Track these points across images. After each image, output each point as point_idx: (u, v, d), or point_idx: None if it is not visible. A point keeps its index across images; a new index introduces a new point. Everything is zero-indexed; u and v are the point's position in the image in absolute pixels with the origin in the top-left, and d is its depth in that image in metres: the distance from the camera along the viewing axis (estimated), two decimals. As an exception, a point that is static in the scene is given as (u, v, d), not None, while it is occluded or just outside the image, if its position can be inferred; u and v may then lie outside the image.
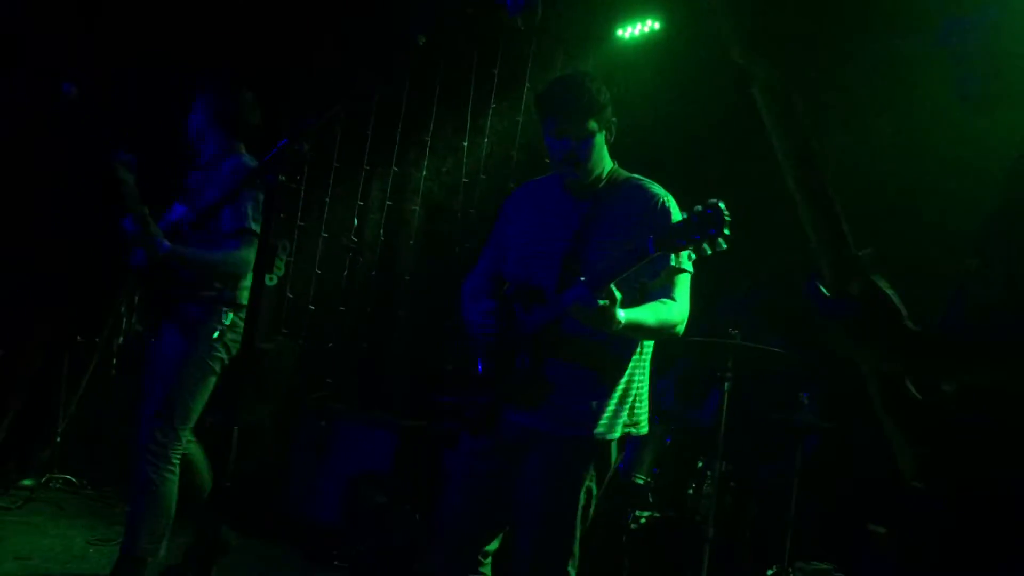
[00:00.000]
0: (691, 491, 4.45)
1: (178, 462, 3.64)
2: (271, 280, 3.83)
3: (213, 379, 3.73)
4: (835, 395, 4.56)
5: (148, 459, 3.56)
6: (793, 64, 1.37)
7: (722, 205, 2.27)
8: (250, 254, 3.64)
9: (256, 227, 3.65)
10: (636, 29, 5.67)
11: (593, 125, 2.76)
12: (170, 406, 3.60)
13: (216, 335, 3.66)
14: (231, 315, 3.71)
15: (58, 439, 5.29)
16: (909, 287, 1.44)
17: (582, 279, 2.49)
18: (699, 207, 2.31)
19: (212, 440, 4.96)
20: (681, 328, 2.76)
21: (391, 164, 6.23)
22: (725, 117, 4.82)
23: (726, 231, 2.26)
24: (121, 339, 5.49)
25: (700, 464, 4.50)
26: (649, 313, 2.65)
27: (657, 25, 5.58)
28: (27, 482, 5.07)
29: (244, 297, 3.76)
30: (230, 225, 3.63)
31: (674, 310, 2.73)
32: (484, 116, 6.08)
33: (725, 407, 4.13)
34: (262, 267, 2.29)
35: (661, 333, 2.71)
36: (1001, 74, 1.38)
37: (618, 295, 2.47)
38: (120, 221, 3.64)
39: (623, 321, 2.51)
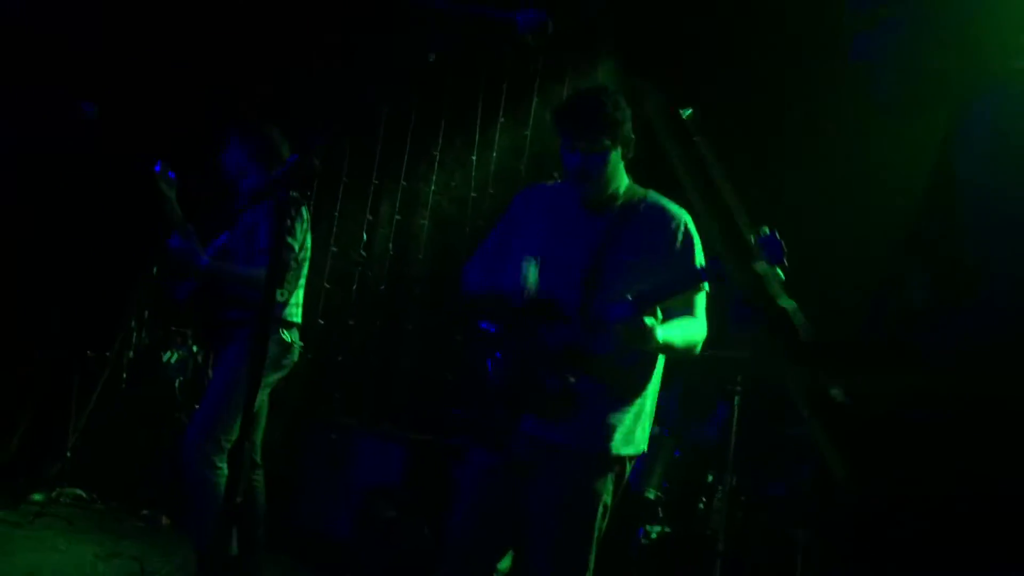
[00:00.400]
0: (701, 505, 4.44)
1: (222, 464, 3.75)
2: (282, 296, 3.87)
3: (264, 395, 3.91)
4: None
5: (195, 467, 3.70)
6: (691, 85, 1.37)
7: (777, 234, 2.26)
8: (292, 272, 3.84)
9: (292, 242, 3.82)
10: (644, 44, 5.68)
11: (607, 141, 2.75)
12: (215, 419, 3.72)
13: (277, 357, 3.83)
14: (283, 332, 3.88)
15: (68, 454, 5.31)
16: (829, 294, 1.45)
17: (629, 297, 2.49)
18: (752, 236, 2.30)
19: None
20: (700, 347, 2.78)
21: (400, 179, 6.25)
22: (737, 129, 4.82)
23: (784, 260, 2.25)
24: (131, 353, 5.51)
25: (710, 478, 4.49)
26: (679, 332, 2.67)
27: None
28: (37, 497, 5.09)
29: (293, 315, 3.95)
30: (265, 242, 3.75)
31: (699, 329, 2.76)
32: (493, 130, 6.09)
33: (735, 421, 4.12)
34: (273, 283, 2.30)
35: (687, 352, 2.74)
36: (912, 81, 1.39)
37: (659, 316, 2.50)
38: (166, 239, 3.78)
39: (660, 341, 2.53)
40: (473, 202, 6.05)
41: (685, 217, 2.80)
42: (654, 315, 2.49)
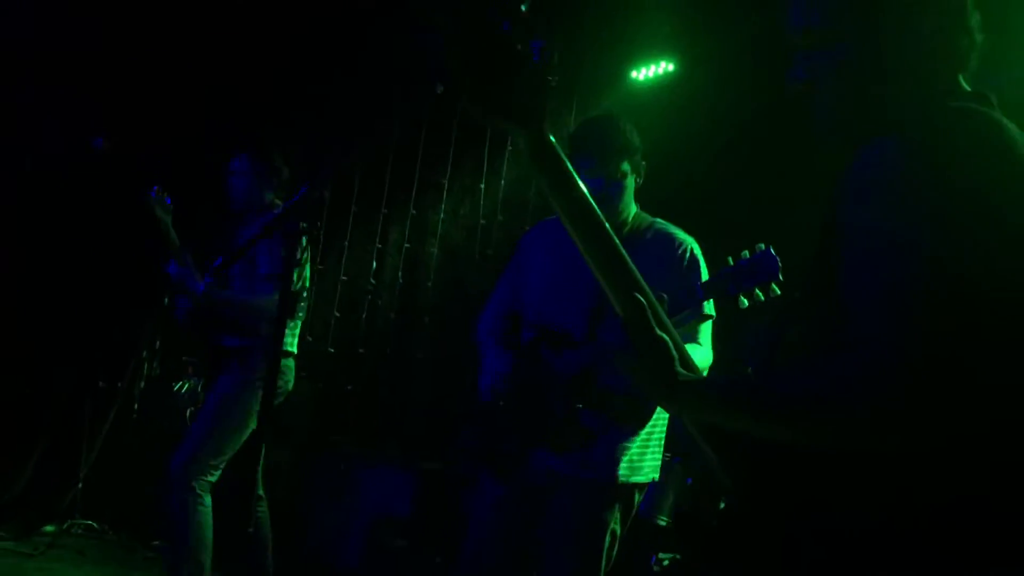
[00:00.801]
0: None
1: (205, 495, 3.68)
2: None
3: (254, 422, 3.77)
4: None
5: (177, 496, 3.63)
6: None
7: (772, 250, 2.27)
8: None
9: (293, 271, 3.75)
10: (651, 71, 5.72)
11: (626, 167, 2.77)
12: (203, 441, 3.68)
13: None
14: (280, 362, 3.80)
15: (80, 484, 5.31)
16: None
17: None
18: (747, 252, 2.31)
19: (233, 484, 4.98)
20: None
21: (409, 207, 6.28)
22: (741, 157, 4.85)
23: (780, 276, 2.26)
24: (143, 384, 5.53)
25: (722, 505, 4.46)
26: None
27: (671, 67, 5.63)
28: (49, 528, 5.09)
29: (289, 344, 3.91)
30: (266, 268, 3.74)
31: (704, 357, 2.75)
32: (500, 158, 6.13)
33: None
34: (283, 313, 2.32)
35: None
36: (847, 103, 1.40)
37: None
38: (163, 265, 3.76)
39: None
40: (482, 229, 6.08)
41: (691, 243, 2.81)
42: None
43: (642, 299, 1.43)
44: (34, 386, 5.47)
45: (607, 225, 1.41)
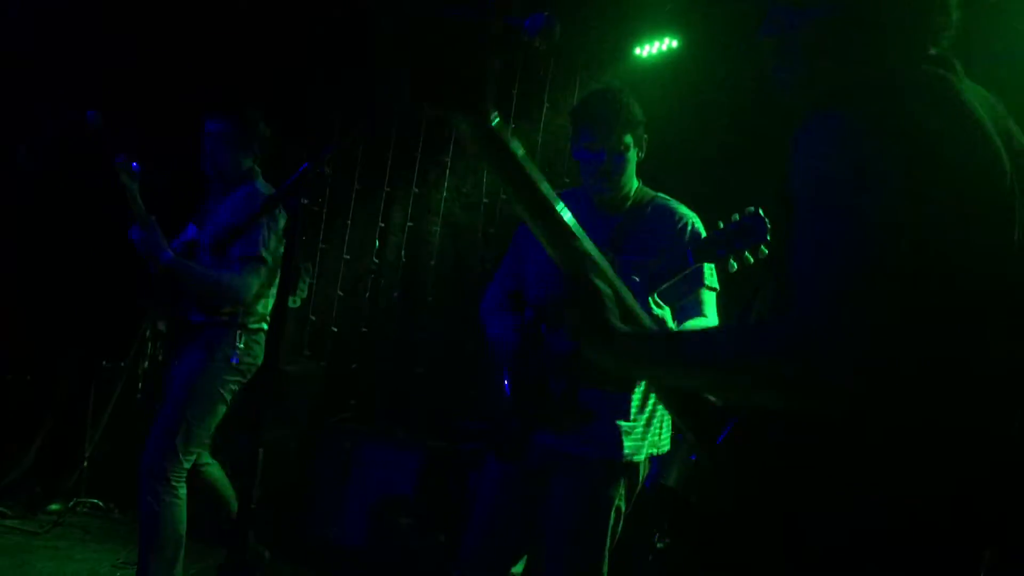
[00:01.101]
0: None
1: (179, 485, 3.61)
2: (294, 302, 3.84)
3: (223, 405, 3.72)
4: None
5: (149, 484, 3.55)
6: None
7: (761, 212, 2.26)
8: (252, 280, 3.65)
9: (267, 255, 3.67)
10: (654, 47, 5.68)
11: (629, 139, 2.76)
12: (175, 428, 3.59)
13: (233, 360, 3.68)
14: (244, 339, 3.72)
15: (85, 464, 5.32)
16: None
17: (635, 279, 2.47)
18: (736, 215, 2.30)
19: (237, 462, 4.98)
20: None
21: (411, 185, 6.26)
22: (743, 134, 4.81)
23: (768, 237, 2.25)
24: (147, 364, 5.52)
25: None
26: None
27: (675, 43, 5.58)
28: (54, 507, 5.11)
29: (256, 322, 3.78)
30: (240, 251, 3.65)
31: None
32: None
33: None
34: (286, 289, 2.30)
35: None
36: (810, 63, 1.39)
37: (665, 309, 2.47)
38: (128, 230, 3.66)
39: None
40: (485, 208, 6.05)
41: (692, 217, 2.80)
42: (660, 306, 2.47)
43: (580, 248, 1.43)
44: (39, 366, 5.48)
45: (544, 189, 1.39)
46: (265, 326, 3.82)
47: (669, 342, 1.39)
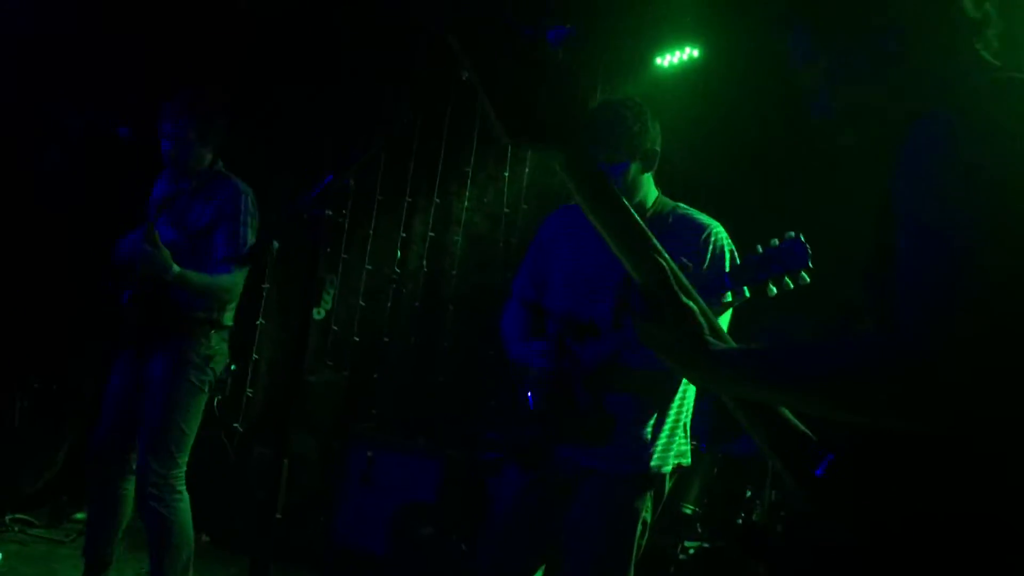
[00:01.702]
0: (740, 521, 4.40)
1: (183, 488, 3.64)
2: (319, 314, 3.85)
3: (204, 400, 3.72)
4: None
5: (153, 494, 3.56)
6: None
7: (802, 237, 2.25)
8: (241, 279, 3.70)
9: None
10: (675, 57, 5.69)
11: (625, 153, 2.74)
12: (169, 435, 3.59)
13: (209, 361, 3.69)
14: (216, 337, 3.73)
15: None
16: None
17: None
18: (775, 240, 2.29)
19: (261, 472, 5.01)
20: None
21: (433, 195, 6.29)
22: (765, 144, 4.81)
23: (809, 263, 2.24)
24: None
25: (748, 493, 4.45)
26: None
27: (696, 53, 5.59)
28: (80, 515, 5.14)
29: (229, 319, 3.79)
30: (224, 251, 3.65)
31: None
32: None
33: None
34: (309, 300, 2.33)
35: None
36: (863, 88, 1.37)
37: None
38: (133, 247, 3.60)
39: None
40: (506, 218, 6.07)
41: (716, 227, 2.78)
42: None
43: (664, 263, 1.40)
44: (66, 375, 5.53)
45: (628, 206, 1.38)
46: (231, 323, 3.82)
47: (764, 359, 1.35)
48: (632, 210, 1.38)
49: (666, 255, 1.39)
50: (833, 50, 1.38)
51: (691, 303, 1.39)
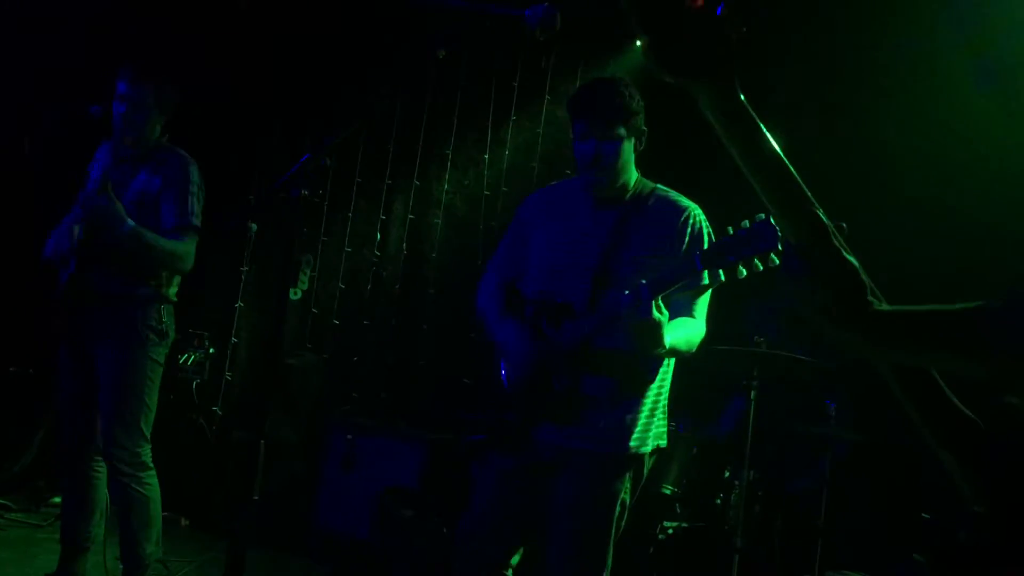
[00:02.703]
0: (719, 501, 4.43)
1: (151, 463, 3.63)
2: (295, 294, 3.83)
3: (160, 371, 3.70)
4: (862, 404, 4.52)
5: (125, 473, 3.55)
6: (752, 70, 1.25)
7: (772, 220, 2.25)
8: (193, 249, 3.65)
9: (198, 222, 3.66)
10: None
11: (621, 130, 2.73)
12: (137, 413, 3.58)
13: (163, 336, 3.66)
14: (166, 310, 3.70)
15: (88, 456, 5.33)
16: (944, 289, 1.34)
17: (643, 282, 2.46)
18: (747, 222, 2.28)
19: (240, 455, 4.99)
20: (696, 348, 2.76)
21: (413, 178, 6.26)
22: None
23: (779, 245, 2.24)
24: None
25: (727, 474, 4.47)
26: (682, 333, 2.64)
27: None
28: (57, 499, 5.11)
29: (174, 294, 3.75)
30: (173, 221, 3.61)
31: (699, 331, 2.73)
32: (505, 128, 6.09)
33: (752, 416, 4.11)
34: (286, 281, 2.31)
35: (685, 354, 2.72)
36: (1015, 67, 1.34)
37: (665, 314, 2.46)
38: (79, 199, 3.57)
39: (668, 344, 2.50)
40: (486, 200, 6.05)
41: (695, 209, 2.78)
42: (661, 311, 2.46)
43: (823, 220, 1.31)
44: (42, 359, 5.48)
45: (792, 171, 1.33)
46: (175, 298, 3.79)
47: (917, 319, 1.28)
48: (787, 162, 1.31)
49: (820, 211, 1.33)
50: None
51: (853, 259, 1.31)
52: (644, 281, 2.46)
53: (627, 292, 2.48)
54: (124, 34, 5.37)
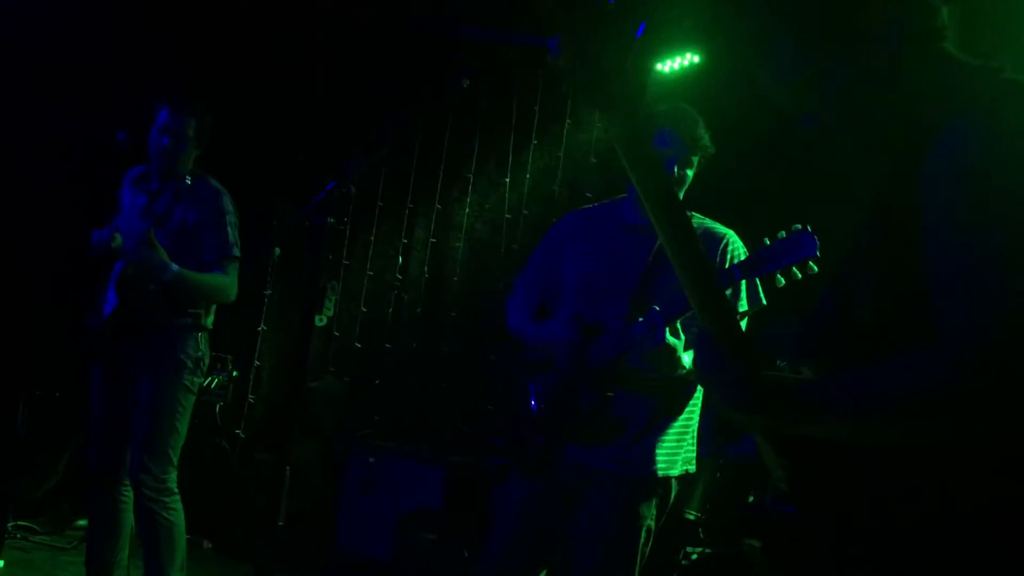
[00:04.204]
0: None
1: (176, 489, 3.65)
2: (320, 320, 3.85)
3: (193, 399, 3.75)
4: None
5: (151, 497, 3.57)
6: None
7: (810, 228, 2.26)
8: (236, 280, 3.71)
9: (239, 252, 3.71)
10: (676, 63, 5.69)
11: (695, 159, 2.76)
12: (167, 439, 3.61)
13: (200, 364, 3.71)
14: (204, 339, 3.76)
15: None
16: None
17: (656, 308, 2.46)
18: (783, 232, 2.30)
19: (262, 478, 5.01)
20: None
21: (434, 201, 6.29)
22: (765, 150, 4.81)
23: (817, 252, 2.25)
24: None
25: (751, 499, 4.44)
26: None
27: (697, 59, 5.59)
28: (81, 522, 5.14)
29: (211, 322, 3.80)
30: (216, 253, 3.66)
31: None
32: (526, 151, 6.12)
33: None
34: (311, 307, 2.33)
35: None
36: (857, 97, 1.38)
37: (682, 339, 2.45)
38: (118, 249, 3.59)
39: (687, 367, 2.49)
40: (507, 223, 6.07)
41: (732, 236, 2.78)
42: (677, 336, 2.45)
43: (722, 296, 1.41)
44: (68, 381, 5.53)
45: (687, 213, 1.39)
46: (211, 326, 3.83)
47: (819, 393, 1.34)
48: (688, 221, 1.38)
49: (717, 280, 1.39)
50: (822, 58, 1.37)
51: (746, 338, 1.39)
52: (657, 308, 2.46)
53: (640, 320, 2.49)
54: (142, 60, 5.44)
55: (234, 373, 5.64)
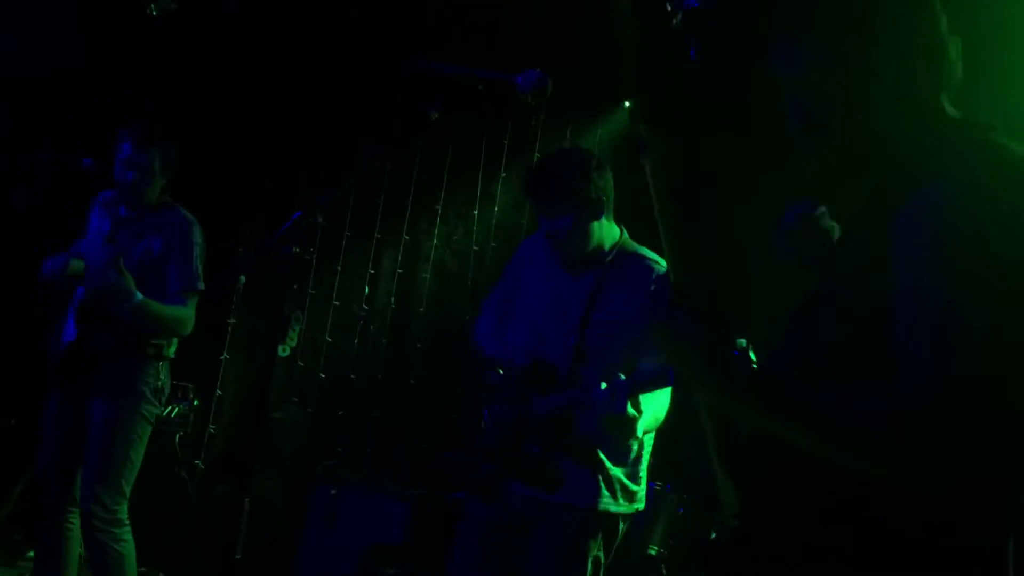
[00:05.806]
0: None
1: (127, 520, 3.60)
2: (283, 351, 3.84)
3: (149, 430, 3.71)
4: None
5: (100, 528, 3.53)
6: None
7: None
8: (194, 312, 3.70)
9: (202, 285, 3.71)
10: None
11: (566, 207, 2.76)
12: (120, 469, 3.57)
13: (158, 394, 3.70)
14: (163, 369, 3.74)
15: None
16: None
17: (621, 377, 2.48)
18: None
19: (222, 510, 4.94)
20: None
21: (402, 232, 6.28)
22: (737, 182, 4.86)
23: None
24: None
25: (713, 535, 4.44)
26: (651, 417, 2.66)
27: (665, 95, 5.65)
28: (32, 553, 5.03)
29: (173, 352, 3.77)
30: (179, 285, 3.65)
31: (664, 403, 2.74)
32: (494, 184, 6.14)
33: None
34: (275, 337, 2.31)
35: (653, 427, 2.75)
36: (860, 141, 1.41)
37: (640, 413, 2.49)
38: (95, 274, 3.55)
39: (639, 434, 2.54)
40: (475, 256, 6.08)
41: (660, 267, 2.79)
42: (637, 405, 2.49)
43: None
44: (23, 410, 5.43)
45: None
46: (172, 355, 3.82)
47: (773, 391, 1.37)
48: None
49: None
50: (819, 61, 1.39)
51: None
52: (623, 376, 2.48)
53: (604, 386, 2.50)
54: (110, 85, 5.41)
55: (195, 402, 5.56)
